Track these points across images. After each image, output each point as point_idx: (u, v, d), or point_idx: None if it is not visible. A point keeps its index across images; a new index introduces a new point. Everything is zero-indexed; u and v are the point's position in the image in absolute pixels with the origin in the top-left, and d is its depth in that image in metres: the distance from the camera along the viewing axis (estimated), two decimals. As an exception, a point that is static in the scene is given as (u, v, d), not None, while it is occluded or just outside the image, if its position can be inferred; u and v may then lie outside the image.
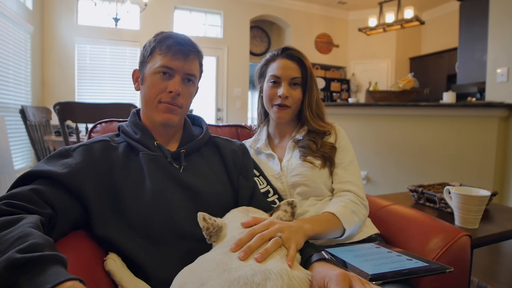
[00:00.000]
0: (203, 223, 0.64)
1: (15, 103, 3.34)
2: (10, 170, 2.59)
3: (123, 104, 1.96)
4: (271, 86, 1.03)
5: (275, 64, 1.03)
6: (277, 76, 1.01)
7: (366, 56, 6.00)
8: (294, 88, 1.02)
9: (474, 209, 1.11)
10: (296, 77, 1.01)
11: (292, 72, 1.01)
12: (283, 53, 1.03)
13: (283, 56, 1.03)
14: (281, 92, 1.00)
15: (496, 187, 2.37)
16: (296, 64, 1.02)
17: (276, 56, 1.04)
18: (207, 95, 5.01)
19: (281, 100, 1.00)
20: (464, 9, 4.04)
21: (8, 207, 0.58)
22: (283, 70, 1.01)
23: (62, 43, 4.13)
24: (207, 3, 4.91)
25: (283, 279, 0.49)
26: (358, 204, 0.91)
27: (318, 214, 0.88)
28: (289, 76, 1.01)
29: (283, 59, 1.02)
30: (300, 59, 1.02)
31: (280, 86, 1.01)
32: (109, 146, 0.78)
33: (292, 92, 1.01)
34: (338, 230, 0.85)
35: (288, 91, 1.00)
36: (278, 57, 1.03)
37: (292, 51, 1.03)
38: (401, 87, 3.07)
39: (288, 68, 1.01)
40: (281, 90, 1.00)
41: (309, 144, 1.00)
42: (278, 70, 1.01)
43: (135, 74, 0.86)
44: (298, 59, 1.02)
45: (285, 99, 1.00)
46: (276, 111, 1.02)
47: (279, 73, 1.01)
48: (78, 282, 0.44)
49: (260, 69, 1.09)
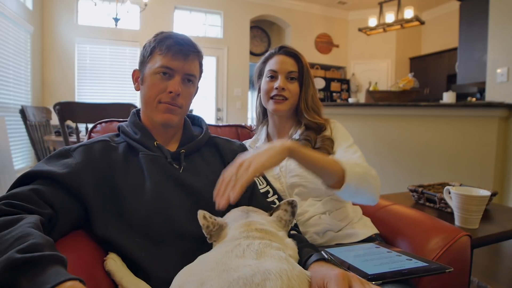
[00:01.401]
0: (203, 221, 0.64)
1: (15, 103, 3.34)
2: (10, 170, 2.59)
3: (123, 104, 1.96)
4: (268, 80, 1.06)
5: (272, 61, 1.06)
6: (274, 70, 1.04)
7: (366, 56, 6.00)
8: (291, 82, 1.04)
9: (474, 209, 1.11)
10: (292, 71, 1.04)
11: (288, 66, 1.04)
12: (280, 50, 1.07)
13: (280, 52, 1.06)
14: (277, 84, 1.02)
15: (496, 187, 2.37)
16: (292, 60, 1.05)
17: (274, 54, 1.08)
18: (207, 95, 5.01)
19: (277, 91, 1.02)
20: (464, 9, 4.04)
21: (8, 207, 0.58)
22: (280, 65, 1.04)
23: (62, 43, 4.13)
24: (207, 3, 4.91)
25: (283, 279, 0.49)
26: (364, 166, 0.85)
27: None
28: (285, 69, 1.04)
29: (280, 55, 1.06)
30: (297, 55, 1.06)
31: (277, 79, 1.04)
32: (109, 146, 0.78)
33: (289, 85, 1.03)
34: (335, 172, 0.76)
35: (284, 84, 1.03)
36: (275, 54, 1.07)
37: (288, 48, 1.07)
38: (401, 87, 3.07)
39: (284, 62, 1.04)
40: (277, 82, 1.03)
41: (305, 143, 1.00)
42: (275, 64, 1.05)
43: (135, 74, 0.86)
44: (294, 55, 1.06)
45: (282, 91, 1.02)
46: (273, 103, 1.04)
47: (276, 67, 1.04)
48: (78, 282, 0.44)
49: (259, 68, 1.12)
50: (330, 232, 0.94)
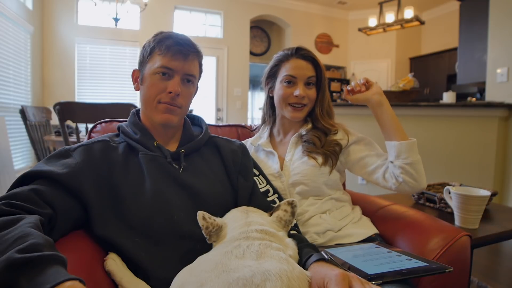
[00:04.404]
0: (202, 222, 0.64)
1: (15, 103, 3.34)
2: (10, 170, 2.59)
3: (123, 104, 1.96)
4: (285, 86, 1.02)
5: (289, 65, 1.02)
6: (292, 76, 1.01)
7: (366, 56, 6.00)
8: (309, 88, 1.02)
9: (474, 209, 1.11)
10: (311, 76, 1.02)
11: (307, 71, 1.01)
12: (297, 53, 1.03)
13: (298, 56, 1.02)
14: (298, 93, 1.00)
15: (496, 187, 2.37)
16: (310, 64, 1.02)
17: (290, 56, 1.03)
18: (207, 95, 5.01)
19: (297, 100, 1.01)
20: (464, 9, 4.04)
21: (8, 207, 0.58)
22: (299, 70, 1.01)
23: (62, 43, 4.13)
24: (207, 3, 4.91)
25: (283, 280, 0.49)
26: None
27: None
28: (305, 76, 1.01)
29: (297, 59, 1.02)
30: (314, 59, 1.03)
31: (295, 85, 1.01)
32: (109, 146, 0.78)
33: (308, 92, 1.02)
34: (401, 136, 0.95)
35: (304, 91, 1.01)
36: (293, 57, 1.03)
37: (306, 51, 1.03)
38: (401, 87, 3.07)
39: (303, 68, 1.01)
40: (297, 90, 1.00)
41: (313, 140, 1.00)
42: (294, 70, 1.01)
43: (135, 74, 0.86)
44: (312, 59, 1.03)
45: (302, 99, 1.01)
46: (291, 110, 1.02)
47: (295, 72, 1.01)
48: (78, 282, 0.44)
49: (271, 70, 1.08)
50: (330, 232, 0.94)
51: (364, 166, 0.99)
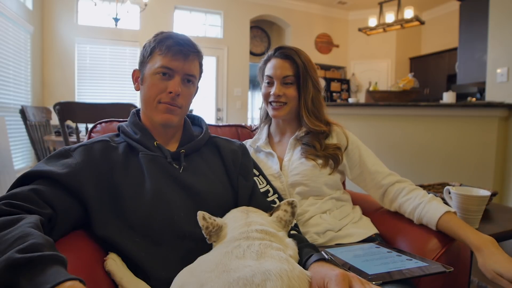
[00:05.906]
0: (202, 222, 0.64)
1: (15, 103, 3.34)
2: (10, 170, 2.59)
3: (123, 104, 1.96)
4: (266, 86, 1.06)
5: (269, 64, 1.05)
6: (270, 76, 1.04)
7: (366, 56, 6.00)
8: (287, 87, 1.03)
9: (474, 209, 1.10)
10: (287, 76, 1.02)
11: (283, 71, 1.02)
12: (276, 53, 1.05)
13: (276, 55, 1.05)
14: (273, 91, 1.02)
15: (496, 187, 2.37)
16: (288, 63, 1.02)
17: (271, 56, 1.06)
18: (207, 95, 5.01)
19: (274, 98, 1.02)
20: (464, 9, 4.04)
21: (8, 207, 0.58)
22: (274, 70, 1.03)
23: (62, 43, 4.13)
24: (207, 3, 4.91)
25: (283, 279, 0.49)
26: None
27: (450, 218, 0.85)
28: (280, 75, 1.02)
29: (275, 59, 1.04)
30: (292, 56, 1.02)
31: (273, 85, 1.03)
32: (109, 146, 0.78)
33: (285, 91, 1.02)
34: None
35: (280, 90, 1.02)
36: (272, 57, 1.05)
37: (284, 50, 1.03)
38: (401, 87, 3.07)
39: (279, 67, 1.02)
40: (273, 89, 1.02)
41: (313, 143, 1.00)
42: (270, 70, 1.04)
43: (135, 74, 0.86)
44: (290, 57, 1.02)
45: (278, 97, 1.02)
46: (271, 109, 1.05)
47: (271, 72, 1.03)
48: (78, 282, 0.44)
49: (260, 70, 1.11)
50: (330, 232, 0.94)
51: (363, 180, 1.05)
